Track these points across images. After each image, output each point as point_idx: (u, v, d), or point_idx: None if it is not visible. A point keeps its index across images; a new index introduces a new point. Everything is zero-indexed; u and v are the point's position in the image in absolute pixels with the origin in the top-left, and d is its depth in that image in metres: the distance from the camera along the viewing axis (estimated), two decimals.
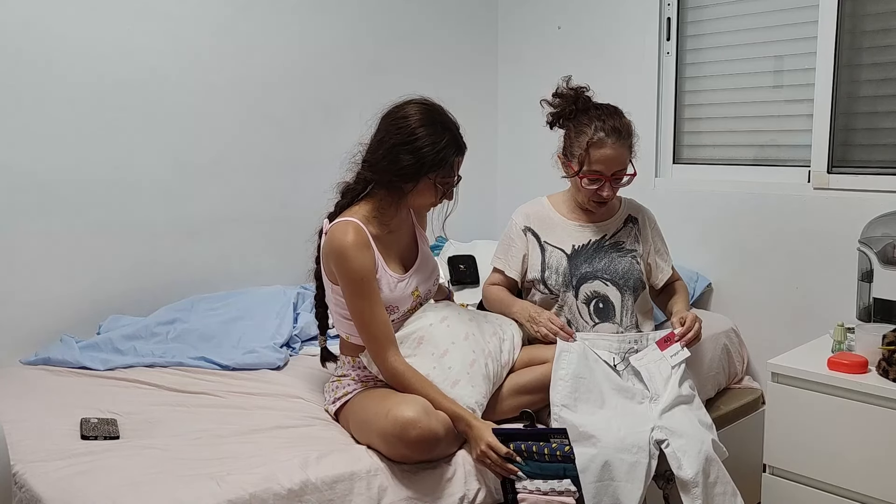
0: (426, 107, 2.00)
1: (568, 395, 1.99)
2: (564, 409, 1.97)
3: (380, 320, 1.94)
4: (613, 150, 2.13)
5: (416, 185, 1.97)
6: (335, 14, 3.08)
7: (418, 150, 1.93)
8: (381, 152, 1.98)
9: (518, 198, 2.46)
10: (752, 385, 2.71)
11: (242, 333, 2.52)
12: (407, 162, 1.94)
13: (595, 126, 2.14)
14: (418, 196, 2.00)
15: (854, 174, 2.57)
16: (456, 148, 1.98)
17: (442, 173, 1.97)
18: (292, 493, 1.62)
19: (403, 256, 2.09)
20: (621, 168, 2.16)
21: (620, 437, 1.92)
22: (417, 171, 1.94)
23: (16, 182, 2.41)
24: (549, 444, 1.79)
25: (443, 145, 1.94)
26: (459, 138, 2.01)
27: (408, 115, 1.97)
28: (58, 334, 2.48)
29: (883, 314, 2.22)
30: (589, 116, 2.17)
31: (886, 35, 2.51)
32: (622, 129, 2.15)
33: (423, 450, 1.78)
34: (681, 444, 1.93)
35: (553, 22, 3.34)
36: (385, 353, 1.92)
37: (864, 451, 2.02)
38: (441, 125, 1.97)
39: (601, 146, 2.12)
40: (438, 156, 1.94)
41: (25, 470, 1.66)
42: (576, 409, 1.98)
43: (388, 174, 1.97)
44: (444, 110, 2.02)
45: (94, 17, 2.51)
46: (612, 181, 2.16)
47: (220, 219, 2.85)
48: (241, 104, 2.87)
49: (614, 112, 2.19)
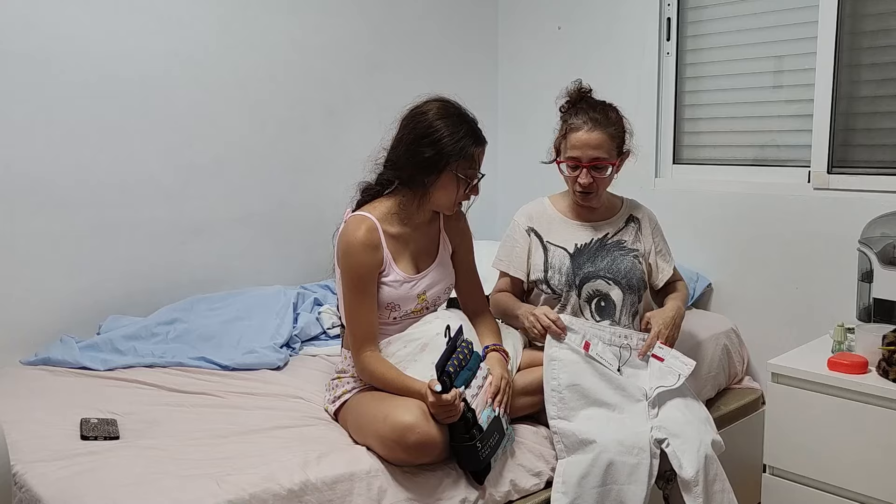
0: (443, 102, 2.04)
1: (562, 407, 1.99)
2: (561, 420, 1.98)
3: (366, 320, 1.97)
4: (587, 135, 2.15)
5: (438, 177, 1.99)
6: (335, 14, 3.08)
7: (438, 140, 1.96)
8: (401, 149, 2.02)
9: (518, 198, 2.46)
10: (752, 385, 2.71)
11: (242, 333, 2.52)
12: (428, 154, 1.97)
13: (578, 115, 2.19)
14: (441, 190, 2.01)
15: (854, 174, 2.57)
16: (475, 139, 2.01)
17: (463, 164, 1.99)
18: (292, 493, 1.62)
19: (419, 258, 2.10)
20: (597, 156, 2.17)
21: (620, 440, 1.92)
22: (438, 161, 1.97)
23: (16, 182, 2.41)
24: (462, 349, 1.88)
25: (461, 135, 1.98)
26: (478, 130, 2.04)
27: (426, 111, 2.01)
28: (58, 334, 2.48)
29: (883, 314, 2.22)
30: (576, 109, 2.22)
31: (886, 35, 2.51)
32: (601, 118, 2.17)
33: (422, 454, 1.79)
34: (679, 444, 1.93)
35: (553, 22, 3.34)
36: (362, 349, 1.97)
37: (864, 451, 2.02)
38: (458, 117, 2.01)
39: (576, 131, 2.17)
40: (458, 145, 1.97)
41: (25, 470, 1.66)
42: (573, 419, 1.98)
43: (410, 168, 1.99)
44: (461, 106, 2.06)
45: (94, 17, 2.51)
46: (589, 168, 2.17)
47: (220, 219, 2.85)
48: (242, 104, 2.87)
49: (602, 105, 2.22)
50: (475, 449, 1.79)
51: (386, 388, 1.92)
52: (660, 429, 1.95)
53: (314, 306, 2.79)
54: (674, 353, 2.11)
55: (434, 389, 1.76)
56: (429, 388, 1.78)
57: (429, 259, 2.12)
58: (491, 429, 1.84)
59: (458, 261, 2.20)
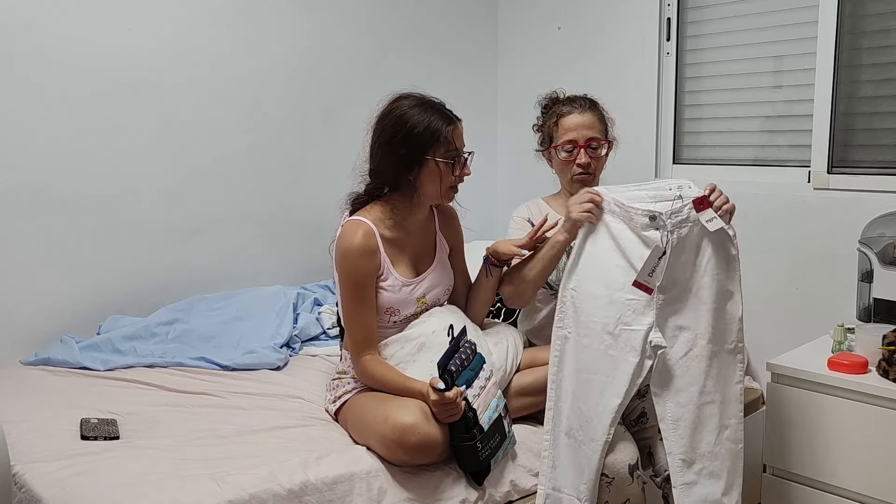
0: (404, 97, 2.03)
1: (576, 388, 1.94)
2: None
3: (365, 324, 1.97)
4: (581, 116, 2.22)
5: (420, 169, 1.97)
6: (335, 15, 3.08)
7: (408, 134, 1.95)
8: (379, 155, 2.01)
9: (518, 198, 2.46)
10: (752, 385, 2.71)
11: (242, 334, 2.52)
12: (404, 151, 1.96)
13: (564, 105, 2.26)
14: (427, 182, 2.00)
15: (854, 174, 2.57)
16: (445, 119, 1.99)
17: (440, 148, 1.97)
18: (292, 493, 1.62)
19: (417, 261, 2.09)
20: (592, 135, 2.22)
21: (609, 329, 1.84)
22: (415, 154, 1.96)
23: (16, 182, 2.41)
24: (464, 349, 1.87)
25: (430, 120, 1.96)
26: (447, 111, 2.02)
27: (390, 110, 2.01)
28: (58, 334, 2.48)
29: (883, 314, 2.22)
30: (559, 102, 2.29)
31: (886, 35, 2.51)
32: (588, 102, 2.26)
33: (422, 455, 1.79)
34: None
35: (553, 22, 3.34)
36: (361, 353, 1.96)
37: (864, 451, 2.02)
38: (422, 105, 2.00)
39: (568, 115, 2.23)
40: (428, 131, 1.95)
41: (25, 470, 1.66)
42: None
43: (392, 171, 1.99)
44: (423, 94, 2.04)
45: (94, 17, 2.51)
46: (586, 148, 2.21)
47: (220, 219, 2.85)
48: (241, 104, 2.87)
49: (583, 95, 2.30)
50: (475, 449, 1.79)
51: (386, 390, 1.92)
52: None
53: (314, 306, 2.79)
54: (707, 213, 1.84)
55: (437, 388, 1.76)
56: (431, 386, 1.78)
57: (427, 262, 2.12)
58: (492, 430, 1.84)
59: (454, 261, 2.20)
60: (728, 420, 1.92)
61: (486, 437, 1.81)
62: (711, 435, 1.89)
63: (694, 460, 1.88)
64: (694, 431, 1.87)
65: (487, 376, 1.92)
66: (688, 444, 1.87)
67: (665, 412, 1.88)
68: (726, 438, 1.91)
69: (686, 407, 1.87)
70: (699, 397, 1.88)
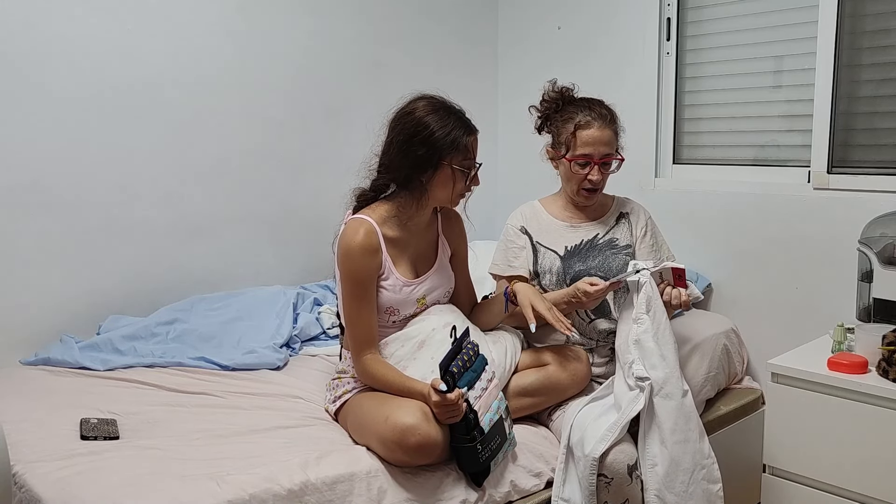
0: (428, 99, 2.03)
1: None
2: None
3: (365, 323, 1.97)
4: (600, 132, 2.16)
5: (434, 173, 1.98)
6: (336, 14, 3.08)
7: (429, 137, 1.95)
8: (393, 151, 2.00)
9: (518, 198, 2.46)
10: (752, 385, 2.71)
11: (242, 334, 2.52)
12: (421, 152, 1.96)
13: (582, 111, 2.19)
14: (439, 186, 2.00)
15: (854, 174, 2.57)
16: (466, 129, 2.00)
17: (458, 156, 1.98)
18: (292, 493, 1.62)
19: (418, 262, 2.09)
20: (608, 152, 2.19)
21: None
22: (432, 157, 1.96)
23: (16, 182, 2.41)
24: (466, 350, 1.87)
25: (451, 127, 1.97)
26: (467, 120, 2.03)
27: (412, 109, 2.00)
28: (58, 334, 2.48)
29: (883, 314, 2.22)
30: (575, 105, 2.22)
31: (886, 35, 2.51)
32: (608, 114, 2.21)
33: (423, 456, 1.78)
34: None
35: (553, 22, 3.34)
36: (362, 353, 1.97)
37: (864, 451, 2.02)
38: (445, 110, 2.00)
39: (588, 127, 2.16)
40: (449, 137, 1.96)
41: (25, 470, 1.66)
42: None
43: (405, 169, 1.99)
44: (446, 99, 2.05)
45: (94, 17, 2.51)
46: (600, 165, 2.18)
47: (220, 219, 2.85)
48: (241, 104, 2.86)
49: (599, 101, 2.24)
50: (475, 450, 1.79)
51: (387, 390, 1.92)
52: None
53: (314, 306, 2.79)
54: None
55: (438, 388, 1.76)
56: (432, 387, 1.77)
57: (428, 263, 2.12)
58: (493, 432, 1.84)
59: (456, 263, 2.20)
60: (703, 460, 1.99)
61: (487, 439, 1.81)
62: (685, 475, 1.95)
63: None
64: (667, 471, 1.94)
65: (489, 378, 1.92)
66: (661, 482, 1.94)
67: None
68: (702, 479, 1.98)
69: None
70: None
